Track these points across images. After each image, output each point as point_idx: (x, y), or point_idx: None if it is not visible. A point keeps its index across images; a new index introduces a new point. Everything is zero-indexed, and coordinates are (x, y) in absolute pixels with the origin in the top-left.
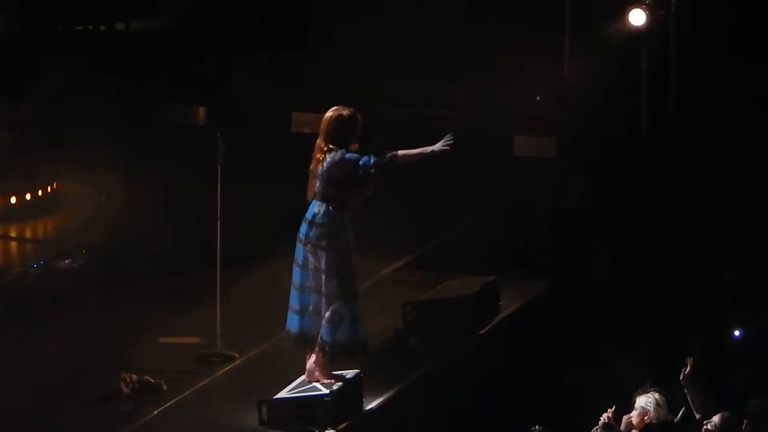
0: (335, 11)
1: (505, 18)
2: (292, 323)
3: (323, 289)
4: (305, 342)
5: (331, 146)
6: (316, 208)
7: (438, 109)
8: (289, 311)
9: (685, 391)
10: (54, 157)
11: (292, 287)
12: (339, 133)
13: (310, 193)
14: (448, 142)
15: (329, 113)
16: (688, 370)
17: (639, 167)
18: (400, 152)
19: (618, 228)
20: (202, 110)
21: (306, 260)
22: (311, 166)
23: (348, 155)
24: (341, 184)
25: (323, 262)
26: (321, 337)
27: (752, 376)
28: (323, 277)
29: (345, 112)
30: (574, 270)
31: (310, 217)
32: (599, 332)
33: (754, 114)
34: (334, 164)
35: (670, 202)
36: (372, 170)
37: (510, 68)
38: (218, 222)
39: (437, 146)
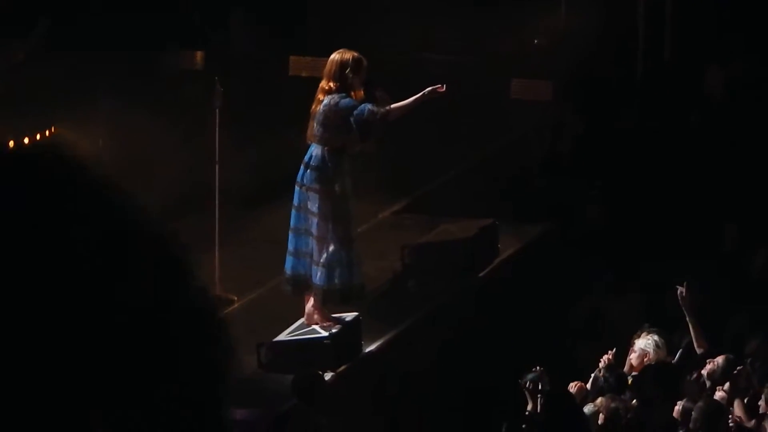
0: None
1: None
2: (288, 265)
3: (315, 233)
4: (299, 283)
5: (332, 86)
6: (314, 151)
7: (435, 52)
8: (287, 254)
9: (687, 319)
10: (50, 102)
11: (290, 230)
12: (342, 76)
13: (308, 135)
14: (439, 88)
15: (334, 54)
16: (684, 293)
17: (634, 113)
18: (394, 106)
19: (613, 173)
20: (199, 54)
21: (301, 203)
22: (312, 108)
23: (343, 101)
24: (335, 130)
25: (317, 205)
26: (313, 281)
27: (747, 320)
28: (316, 220)
29: (349, 54)
30: (572, 213)
31: (307, 160)
32: (596, 276)
33: (748, 68)
34: (329, 108)
35: (663, 149)
36: (364, 121)
37: (507, 11)
38: (216, 166)
39: (427, 90)
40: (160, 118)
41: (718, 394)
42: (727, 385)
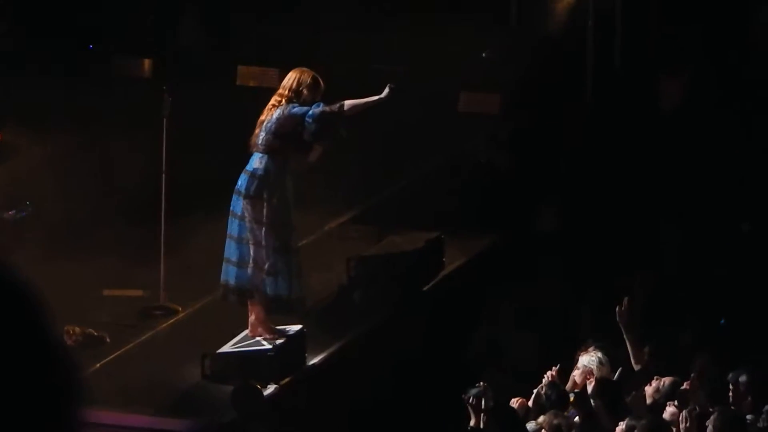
0: None
1: None
2: (229, 274)
3: (263, 242)
4: (242, 294)
5: (287, 96)
6: (257, 160)
7: (383, 63)
8: (225, 263)
9: (624, 336)
10: None
11: (228, 238)
12: (299, 92)
13: (252, 143)
14: (391, 88)
15: (293, 72)
16: (624, 307)
17: (581, 127)
18: (348, 102)
19: (563, 186)
20: (147, 62)
21: (244, 211)
22: (261, 117)
23: (296, 108)
24: (287, 138)
25: (264, 214)
26: (263, 290)
27: (698, 332)
28: (263, 229)
29: (308, 75)
30: (519, 225)
31: (250, 169)
32: (543, 289)
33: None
34: (283, 116)
35: (613, 163)
36: (318, 118)
37: (456, 24)
38: (163, 176)
39: (384, 93)
40: (107, 127)
41: (669, 410)
42: (674, 403)
